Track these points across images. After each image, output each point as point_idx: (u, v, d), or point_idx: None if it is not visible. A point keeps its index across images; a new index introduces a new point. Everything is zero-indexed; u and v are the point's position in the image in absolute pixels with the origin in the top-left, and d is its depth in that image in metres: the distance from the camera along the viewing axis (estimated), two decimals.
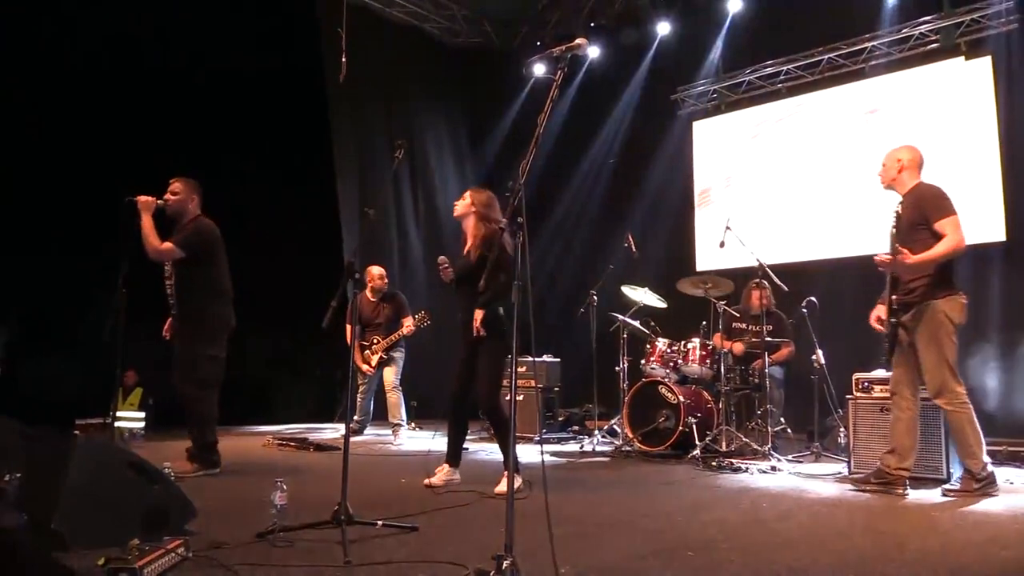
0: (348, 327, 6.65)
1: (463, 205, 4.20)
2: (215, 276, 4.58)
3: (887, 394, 4.52)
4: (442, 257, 4.15)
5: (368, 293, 6.76)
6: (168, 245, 4.41)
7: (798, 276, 6.13)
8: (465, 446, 5.56)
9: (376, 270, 6.86)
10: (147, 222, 4.37)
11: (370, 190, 8.87)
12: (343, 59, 6.73)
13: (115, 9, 6.96)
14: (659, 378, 5.67)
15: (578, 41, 2.66)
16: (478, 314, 3.93)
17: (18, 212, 6.91)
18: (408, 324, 6.57)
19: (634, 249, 6.21)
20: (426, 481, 4.07)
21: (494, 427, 4.22)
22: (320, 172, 8.70)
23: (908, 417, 4.01)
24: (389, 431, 6.71)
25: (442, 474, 4.11)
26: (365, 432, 7.00)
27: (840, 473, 4.59)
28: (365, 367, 6.69)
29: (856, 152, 7.66)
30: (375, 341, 6.65)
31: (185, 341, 4.51)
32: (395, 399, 6.63)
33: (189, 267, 4.50)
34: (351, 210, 8.64)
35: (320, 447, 5.84)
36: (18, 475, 3.27)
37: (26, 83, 6.94)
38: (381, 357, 6.65)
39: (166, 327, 4.70)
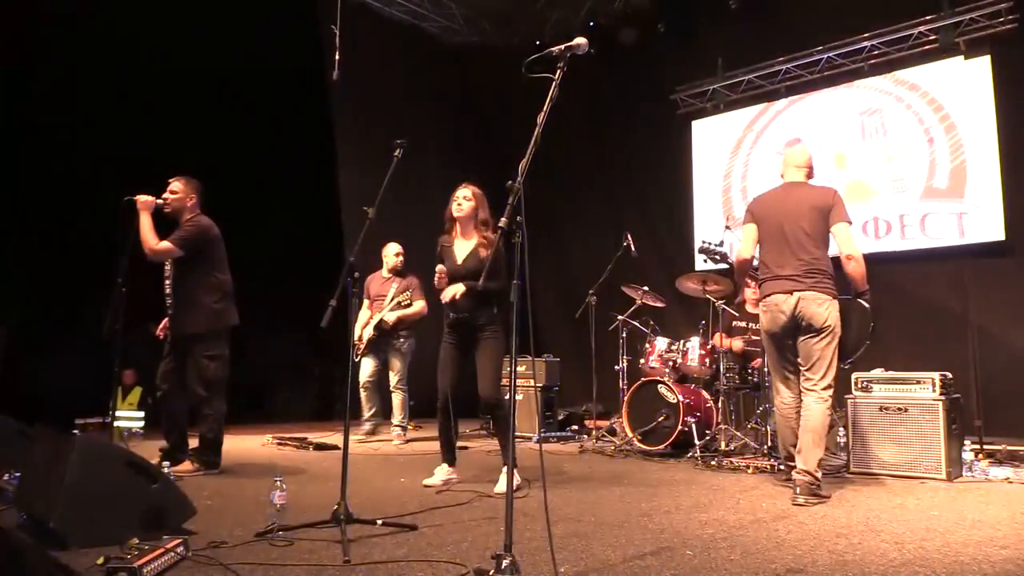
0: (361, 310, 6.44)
1: (471, 207, 4.17)
2: (214, 274, 4.56)
3: (886, 393, 4.55)
4: (441, 267, 4.09)
5: (383, 271, 6.69)
6: (165, 244, 4.40)
7: None
8: (464, 445, 5.57)
9: (392, 247, 6.69)
10: (145, 222, 4.36)
11: (373, 188, 8.84)
12: (336, 57, 6.74)
13: (117, 8, 6.96)
14: (658, 377, 5.67)
15: (577, 40, 2.66)
16: (461, 287, 3.92)
17: (18, 211, 6.90)
18: (411, 312, 6.33)
19: (634, 249, 6.21)
20: (425, 481, 4.08)
21: (496, 423, 4.18)
22: (322, 170, 8.69)
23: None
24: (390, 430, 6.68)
25: (441, 474, 4.12)
26: (375, 429, 6.87)
27: (839, 472, 4.60)
28: (356, 339, 6.43)
29: (855, 151, 7.68)
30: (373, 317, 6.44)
31: (188, 341, 4.50)
32: (401, 399, 6.53)
33: (188, 266, 4.50)
34: (353, 209, 8.61)
35: (320, 446, 5.84)
36: (17, 474, 3.28)
37: (26, 82, 6.94)
38: (372, 336, 6.39)
39: (160, 327, 4.69)
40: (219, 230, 4.63)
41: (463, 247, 4.16)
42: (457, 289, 3.96)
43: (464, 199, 4.16)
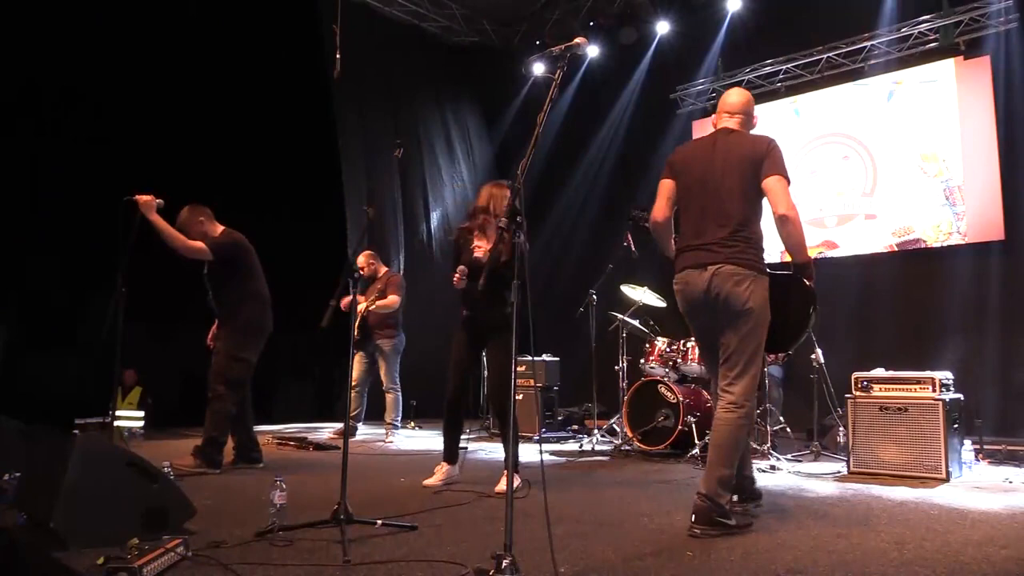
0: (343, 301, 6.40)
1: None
2: (250, 283, 4.73)
3: (886, 393, 4.54)
4: (462, 267, 4.02)
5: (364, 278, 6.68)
6: (200, 244, 4.51)
7: None
8: (464, 445, 5.57)
9: (361, 259, 6.64)
10: (159, 222, 4.37)
11: (376, 188, 8.90)
12: (337, 56, 6.76)
13: (120, 12, 6.96)
14: (658, 377, 5.67)
15: (577, 40, 2.66)
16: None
17: (19, 211, 6.90)
18: (383, 300, 6.29)
19: (634, 248, 6.20)
20: (425, 481, 4.07)
21: (503, 423, 4.14)
22: (324, 170, 8.68)
23: None
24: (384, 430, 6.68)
25: (441, 473, 4.12)
26: (359, 431, 6.92)
27: (839, 472, 4.60)
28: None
29: (855, 151, 7.68)
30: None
31: (220, 343, 4.69)
32: (391, 399, 6.57)
33: (222, 275, 4.66)
34: (357, 209, 8.62)
35: (320, 446, 5.84)
36: (17, 474, 3.28)
37: (28, 84, 6.94)
38: (355, 336, 6.40)
39: (210, 336, 4.88)
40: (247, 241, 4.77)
41: (485, 243, 4.12)
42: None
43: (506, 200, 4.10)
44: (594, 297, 6.29)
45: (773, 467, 4.74)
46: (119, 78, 7.25)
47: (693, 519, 2.97)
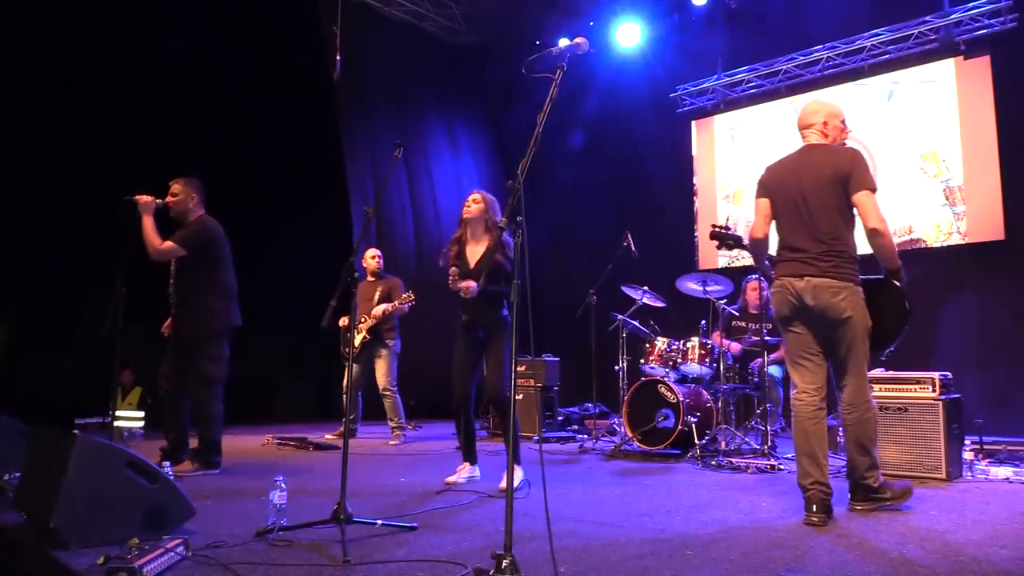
0: (343, 320, 6.54)
1: (478, 208, 4.19)
2: (218, 275, 4.59)
3: (886, 393, 4.54)
4: (454, 268, 4.10)
5: (368, 276, 6.73)
6: (169, 244, 4.43)
7: None
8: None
9: (369, 252, 6.76)
10: (148, 223, 4.38)
11: (381, 187, 8.89)
12: (337, 56, 6.77)
13: (122, 12, 6.97)
14: (658, 377, 5.67)
15: (578, 40, 2.66)
16: (473, 283, 3.94)
17: (18, 211, 6.90)
18: (395, 303, 6.38)
19: (634, 248, 6.21)
20: (448, 478, 4.10)
21: (503, 418, 4.18)
22: (328, 170, 8.68)
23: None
24: (386, 429, 6.68)
25: (463, 472, 4.16)
26: (358, 433, 6.92)
27: (839, 472, 4.59)
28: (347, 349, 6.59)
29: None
30: (363, 320, 6.48)
31: (189, 341, 4.52)
32: (391, 402, 6.53)
33: (191, 265, 4.53)
34: (360, 209, 8.62)
35: (320, 447, 5.84)
36: (17, 474, 3.28)
37: (28, 83, 6.94)
38: (365, 338, 6.47)
39: (165, 325, 4.70)
40: (224, 231, 4.66)
41: (475, 251, 4.21)
42: (469, 283, 3.99)
43: (473, 202, 4.21)
44: (594, 297, 6.29)
45: (773, 467, 4.73)
46: (120, 77, 7.26)
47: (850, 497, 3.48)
